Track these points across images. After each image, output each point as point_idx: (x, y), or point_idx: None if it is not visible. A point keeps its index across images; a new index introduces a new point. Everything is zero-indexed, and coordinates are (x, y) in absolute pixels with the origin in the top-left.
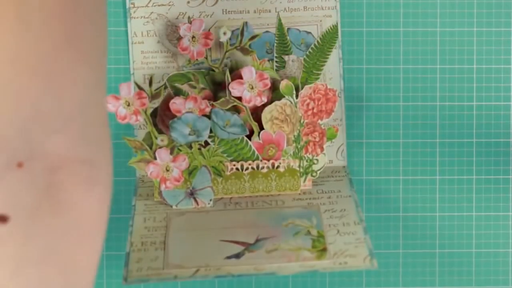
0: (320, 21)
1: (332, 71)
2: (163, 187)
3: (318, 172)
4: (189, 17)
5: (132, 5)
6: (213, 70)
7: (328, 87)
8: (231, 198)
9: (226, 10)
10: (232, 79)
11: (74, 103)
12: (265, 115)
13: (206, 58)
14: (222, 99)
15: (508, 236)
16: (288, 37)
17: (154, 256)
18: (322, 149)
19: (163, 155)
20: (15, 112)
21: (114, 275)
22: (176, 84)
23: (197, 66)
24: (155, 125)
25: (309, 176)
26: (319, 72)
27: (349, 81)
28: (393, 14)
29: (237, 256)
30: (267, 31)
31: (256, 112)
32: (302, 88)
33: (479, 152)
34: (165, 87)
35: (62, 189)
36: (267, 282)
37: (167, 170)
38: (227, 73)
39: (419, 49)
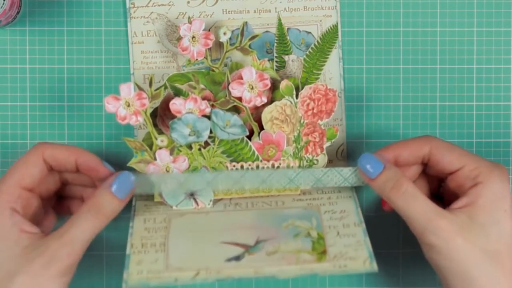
0: (320, 21)
1: (332, 71)
2: None
3: None
4: (189, 17)
5: (132, 5)
6: (213, 70)
7: (328, 87)
8: (231, 198)
9: (226, 10)
10: (232, 79)
11: None
12: (265, 115)
13: (206, 58)
14: (222, 99)
15: None
16: (288, 37)
17: (154, 258)
18: (322, 149)
19: (163, 156)
20: None
21: (114, 275)
22: (176, 84)
23: (197, 66)
24: (155, 125)
25: None
26: (319, 72)
27: (349, 81)
28: (393, 14)
29: (237, 258)
30: (267, 31)
31: (256, 112)
32: (302, 88)
33: (479, 152)
34: (165, 87)
35: None
36: (267, 281)
37: (167, 171)
38: (227, 73)
39: (419, 49)
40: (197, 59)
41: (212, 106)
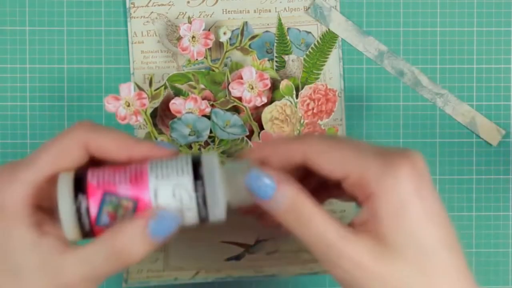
0: None
1: (332, 71)
2: None
3: None
4: (189, 17)
5: (132, 5)
6: (213, 70)
7: (328, 87)
8: None
9: (226, 10)
10: (232, 79)
11: None
12: (265, 115)
13: (206, 58)
14: (222, 99)
15: (508, 236)
16: (288, 37)
17: (154, 257)
18: None
19: None
20: None
21: (114, 275)
22: (176, 84)
23: (197, 66)
24: (155, 125)
25: None
26: (319, 72)
27: (349, 81)
28: (393, 14)
29: (237, 258)
30: (267, 31)
31: (256, 112)
32: (302, 88)
33: (478, 153)
34: (165, 87)
35: None
36: (267, 281)
37: None
38: (227, 73)
39: (419, 49)
40: (197, 59)
41: (212, 106)
